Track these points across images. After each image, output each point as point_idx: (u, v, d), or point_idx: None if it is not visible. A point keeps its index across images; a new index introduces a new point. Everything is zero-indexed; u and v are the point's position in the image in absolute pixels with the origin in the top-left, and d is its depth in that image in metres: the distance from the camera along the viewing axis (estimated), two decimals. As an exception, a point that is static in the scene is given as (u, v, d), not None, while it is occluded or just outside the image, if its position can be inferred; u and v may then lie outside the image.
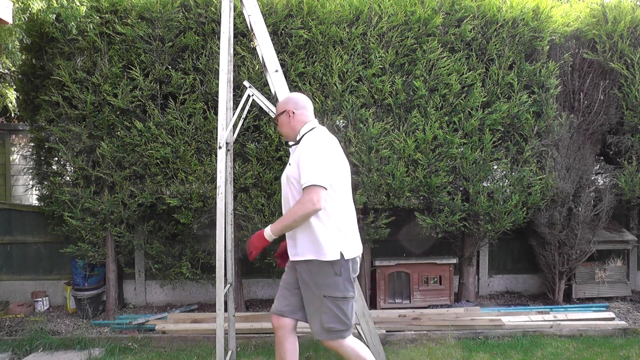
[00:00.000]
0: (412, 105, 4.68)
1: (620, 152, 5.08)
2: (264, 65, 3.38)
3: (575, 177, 4.90)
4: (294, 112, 2.84)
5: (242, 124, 3.87)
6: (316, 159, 2.61)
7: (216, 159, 3.62)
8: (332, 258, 2.62)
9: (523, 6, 4.72)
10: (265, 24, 4.49)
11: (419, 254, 5.43)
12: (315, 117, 4.50)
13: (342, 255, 2.63)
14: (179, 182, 4.54)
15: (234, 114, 3.47)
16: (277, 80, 3.35)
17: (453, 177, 4.78)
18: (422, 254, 5.43)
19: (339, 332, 2.69)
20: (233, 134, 3.62)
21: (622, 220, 5.62)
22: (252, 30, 3.37)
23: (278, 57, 4.54)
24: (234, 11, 3.56)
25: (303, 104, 2.89)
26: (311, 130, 2.80)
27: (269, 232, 2.73)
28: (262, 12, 4.46)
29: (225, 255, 3.21)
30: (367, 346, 3.19)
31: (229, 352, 3.53)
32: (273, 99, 3.53)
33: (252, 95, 3.36)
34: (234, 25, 4.49)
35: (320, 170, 2.59)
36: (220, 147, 3.10)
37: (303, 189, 2.58)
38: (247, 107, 3.50)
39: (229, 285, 3.54)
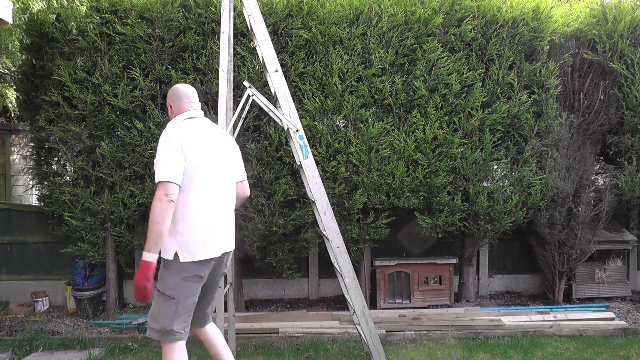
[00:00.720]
0: (412, 105, 4.68)
1: (620, 152, 5.08)
2: (264, 65, 3.39)
3: (575, 177, 4.90)
4: (171, 105, 2.75)
5: (242, 124, 3.87)
6: (162, 153, 2.49)
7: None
8: (165, 257, 2.56)
9: (523, 6, 4.72)
10: (266, 24, 4.49)
11: (419, 254, 5.43)
12: (315, 117, 4.56)
13: (176, 256, 2.54)
14: (179, 182, 4.53)
15: (233, 114, 3.48)
16: (276, 80, 3.36)
17: (453, 177, 4.78)
18: (422, 254, 5.44)
19: (154, 331, 2.57)
20: (233, 134, 3.62)
21: (622, 220, 5.62)
22: (252, 30, 3.38)
23: (278, 57, 4.54)
24: (234, 11, 3.57)
25: (178, 96, 2.73)
26: (173, 121, 2.69)
27: (147, 255, 2.44)
28: (262, 12, 4.46)
29: None
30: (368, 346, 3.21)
31: None
32: (273, 99, 3.53)
33: (252, 95, 3.36)
34: (234, 25, 4.50)
35: (165, 164, 2.45)
36: None
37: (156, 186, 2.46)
38: (247, 107, 3.51)
39: (228, 285, 3.54)
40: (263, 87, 4.37)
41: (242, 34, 4.51)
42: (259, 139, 4.65)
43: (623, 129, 5.03)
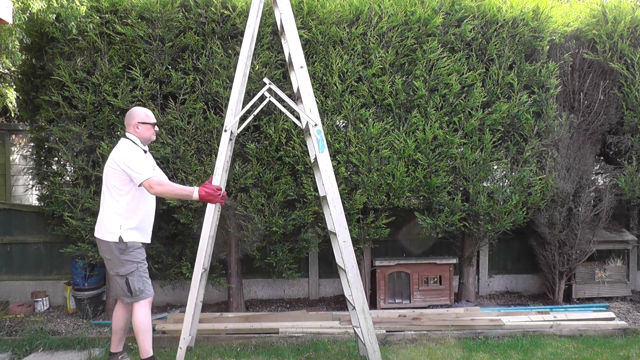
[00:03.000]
0: (412, 105, 4.69)
1: (620, 152, 5.08)
2: (290, 61, 3.48)
3: (575, 177, 4.90)
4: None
5: (249, 122, 3.88)
6: None
7: (216, 159, 3.64)
8: None
9: (523, 6, 4.72)
10: (266, 24, 4.52)
11: (419, 254, 5.44)
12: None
13: None
14: (179, 182, 4.53)
15: (243, 107, 3.59)
16: (301, 76, 3.43)
17: (453, 177, 4.78)
18: (422, 254, 5.44)
19: None
20: (238, 127, 3.76)
21: (622, 220, 5.63)
22: (282, 27, 3.46)
23: (278, 57, 4.57)
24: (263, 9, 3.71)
25: None
26: None
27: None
28: (262, 12, 4.48)
29: (207, 241, 3.47)
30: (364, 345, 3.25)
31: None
32: (295, 96, 3.57)
33: (270, 85, 3.46)
34: (234, 25, 4.51)
35: None
36: (225, 131, 3.30)
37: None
38: (262, 105, 3.61)
39: (203, 270, 3.63)
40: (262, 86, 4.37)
41: (242, 34, 4.50)
42: (259, 139, 4.65)
43: (623, 129, 5.03)
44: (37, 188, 5.20)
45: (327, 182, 3.39)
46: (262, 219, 4.56)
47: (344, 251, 3.43)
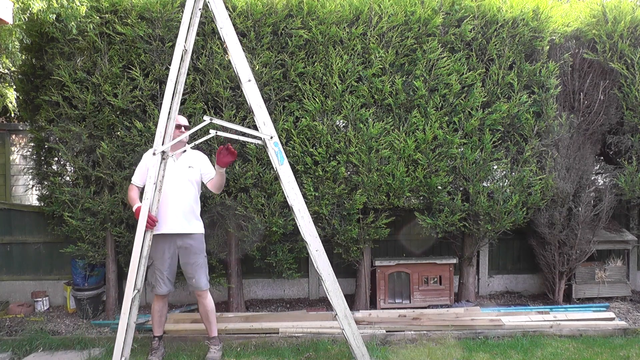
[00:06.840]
0: (412, 105, 4.69)
1: (620, 152, 5.09)
2: (237, 75, 3.39)
3: (575, 177, 4.90)
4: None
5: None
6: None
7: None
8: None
9: (523, 6, 4.72)
10: (266, 24, 4.52)
11: (419, 254, 5.44)
12: (315, 117, 4.57)
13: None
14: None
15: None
16: (250, 90, 3.36)
17: (453, 177, 4.78)
18: (422, 254, 5.44)
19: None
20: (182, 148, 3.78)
21: (622, 220, 5.63)
22: (224, 42, 3.39)
23: (278, 57, 4.57)
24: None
25: None
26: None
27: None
28: (262, 12, 4.49)
29: (139, 261, 3.47)
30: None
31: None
32: (248, 110, 3.55)
33: (214, 122, 3.36)
34: (234, 25, 4.49)
35: None
36: (154, 154, 3.30)
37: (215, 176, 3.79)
38: (205, 137, 3.53)
39: (136, 291, 3.56)
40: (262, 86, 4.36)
41: (242, 34, 4.51)
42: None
43: (623, 129, 5.03)
44: (37, 188, 5.20)
45: (291, 194, 3.40)
46: (262, 219, 4.56)
47: (318, 260, 3.44)
